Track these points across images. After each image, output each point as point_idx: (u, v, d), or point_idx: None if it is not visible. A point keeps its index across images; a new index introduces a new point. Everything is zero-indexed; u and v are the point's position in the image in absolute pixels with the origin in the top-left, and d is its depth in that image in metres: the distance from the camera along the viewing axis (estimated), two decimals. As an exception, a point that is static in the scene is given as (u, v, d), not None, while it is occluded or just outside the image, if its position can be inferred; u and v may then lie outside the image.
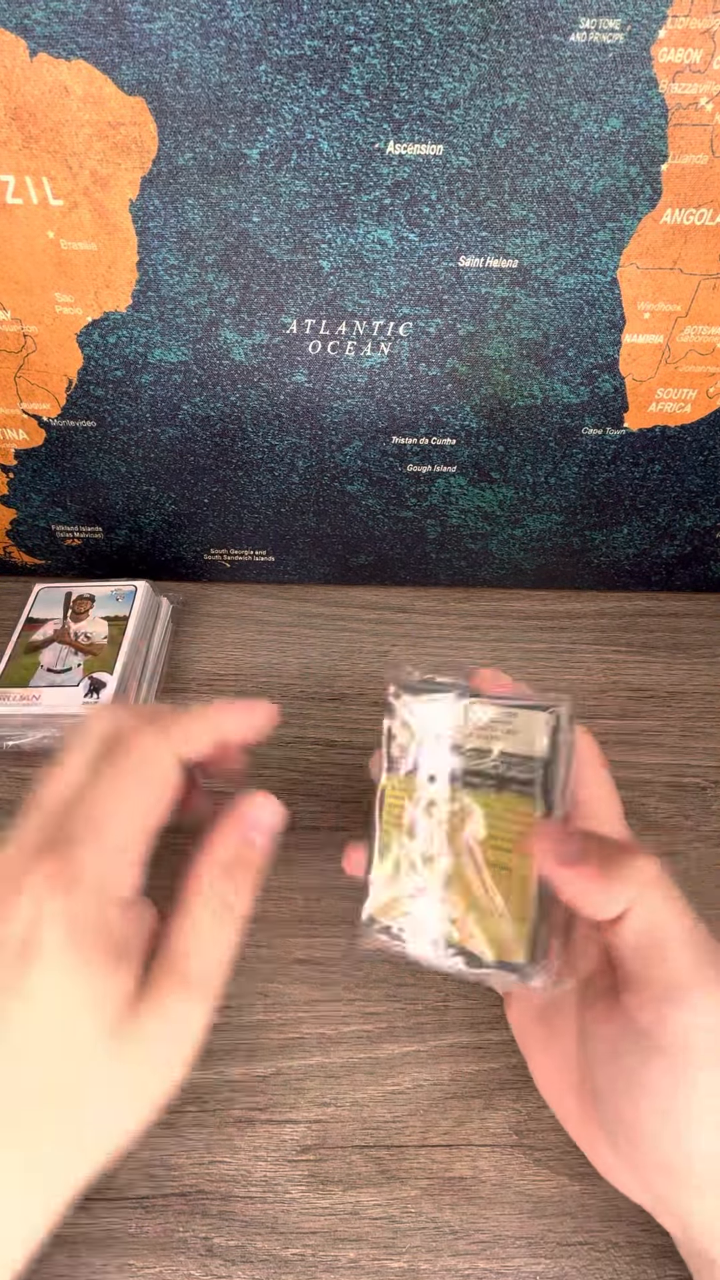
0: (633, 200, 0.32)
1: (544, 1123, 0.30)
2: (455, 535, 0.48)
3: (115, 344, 0.38)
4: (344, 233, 0.33)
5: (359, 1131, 0.30)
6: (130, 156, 0.31)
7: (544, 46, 0.28)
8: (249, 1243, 0.28)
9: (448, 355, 0.38)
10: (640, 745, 0.43)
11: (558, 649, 0.49)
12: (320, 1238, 0.28)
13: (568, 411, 0.40)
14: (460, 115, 0.30)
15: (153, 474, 0.45)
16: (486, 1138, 0.30)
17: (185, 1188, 0.29)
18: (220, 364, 0.39)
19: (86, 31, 0.28)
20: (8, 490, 0.46)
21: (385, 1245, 0.28)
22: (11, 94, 0.29)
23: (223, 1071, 0.31)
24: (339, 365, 0.38)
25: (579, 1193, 0.29)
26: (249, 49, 0.28)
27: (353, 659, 0.48)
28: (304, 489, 0.45)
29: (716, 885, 0.37)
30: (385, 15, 0.27)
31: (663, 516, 0.46)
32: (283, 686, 0.46)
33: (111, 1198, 0.28)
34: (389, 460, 0.43)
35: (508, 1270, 0.27)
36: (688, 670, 0.47)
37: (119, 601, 0.45)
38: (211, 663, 0.47)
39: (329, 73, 0.29)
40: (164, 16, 0.28)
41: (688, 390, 0.39)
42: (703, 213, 0.32)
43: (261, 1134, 0.30)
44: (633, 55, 0.28)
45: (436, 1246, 0.28)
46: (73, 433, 0.42)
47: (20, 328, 0.37)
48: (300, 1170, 0.29)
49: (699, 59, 0.28)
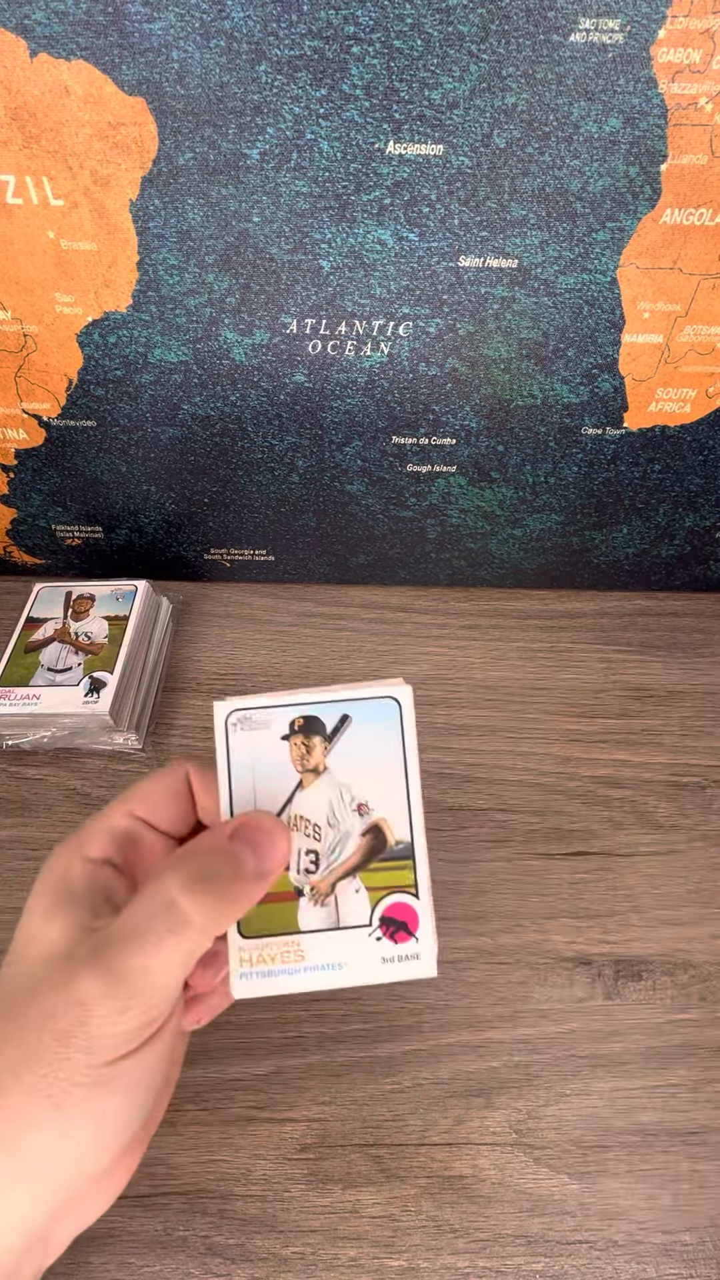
0: (632, 200, 0.32)
1: (544, 1121, 0.30)
2: (455, 535, 0.48)
3: (115, 344, 0.38)
4: (344, 233, 0.33)
5: (359, 1130, 0.30)
6: (130, 156, 0.31)
7: (544, 46, 0.28)
8: (249, 1241, 0.28)
9: (448, 355, 0.38)
10: (640, 744, 0.43)
11: (557, 648, 0.49)
12: (320, 1236, 0.28)
13: (568, 411, 0.40)
14: (460, 115, 0.30)
15: (153, 474, 0.45)
16: (486, 1136, 0.30)
17: (185, 1186, 0.29)
18: (220, 364, 0.39)
19: (87, 32, 0.28)
20: (8, 490, 0.46)
21: (385, 1244, 0.28)
22: (12, 94, 0.29)
23: (223, 1070, 0.31)
24: (339, 365, 0.38)
25: (578, 1191, 0.29)
26: (249, 49, 0.28)
27: (353, 659, 0.48)
28: (304, 489, 0.45)
29: (717, 885, 0.37)
30: (385, 15, 0.27)
31: (662, 516, 0.46)
32: (283, 686, 0.46)
33: (112, 1196, 0.28)
34: (389, 460, 0.43)
35: (507, 1269, 0.27)
36: (687, 669, 0.47)
37: (119, 601, 0.45)
38: (211, 662, 0.48)
39: (329, 73, 0.29)
40: (164, 17, 0.28)
41: (687, 390, 0.39)
42: (702, 213, 0.32)
43: (261, 1132, 0.30)
44: (632, 55, 0.28)
45: (436, 1245, 0.28)
46: (73, 432, 0.42)
47: (20, 327, 0.38)
48: (300, 1169, 0.29)
49: (698, 59, 0.28)
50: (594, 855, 0.38)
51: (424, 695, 0.46)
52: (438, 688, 0.46)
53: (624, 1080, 0.31)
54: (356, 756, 0.25)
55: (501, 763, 0.42)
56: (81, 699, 0.40)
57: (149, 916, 0.20)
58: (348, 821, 0.24)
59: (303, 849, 0.24)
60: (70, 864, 0.23)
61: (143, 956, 0.20)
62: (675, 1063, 0.32)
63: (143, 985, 0.20)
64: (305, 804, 0.24)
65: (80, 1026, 0.19)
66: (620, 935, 0.35)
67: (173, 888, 0.21)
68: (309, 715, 0.25)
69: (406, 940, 0.24)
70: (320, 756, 0.25)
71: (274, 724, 0.25)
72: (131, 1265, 0.27)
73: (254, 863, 0.22)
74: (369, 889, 0.24)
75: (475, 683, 0.46)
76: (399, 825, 0.24)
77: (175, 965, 0.20)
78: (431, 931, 0.24)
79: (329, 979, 0.23)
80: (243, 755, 0.25)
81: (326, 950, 0.23)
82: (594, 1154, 0.30)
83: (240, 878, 0.22)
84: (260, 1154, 0.29)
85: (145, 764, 0.42)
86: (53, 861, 0.24)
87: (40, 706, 0.40)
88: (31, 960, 0.21)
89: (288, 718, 0.25)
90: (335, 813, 0.25)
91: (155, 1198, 0.28)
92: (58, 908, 0.22)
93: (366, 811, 0.24)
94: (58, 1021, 0.19)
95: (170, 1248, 0.27)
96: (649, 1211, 0.28)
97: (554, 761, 0.42)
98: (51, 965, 0.21)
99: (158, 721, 0.44)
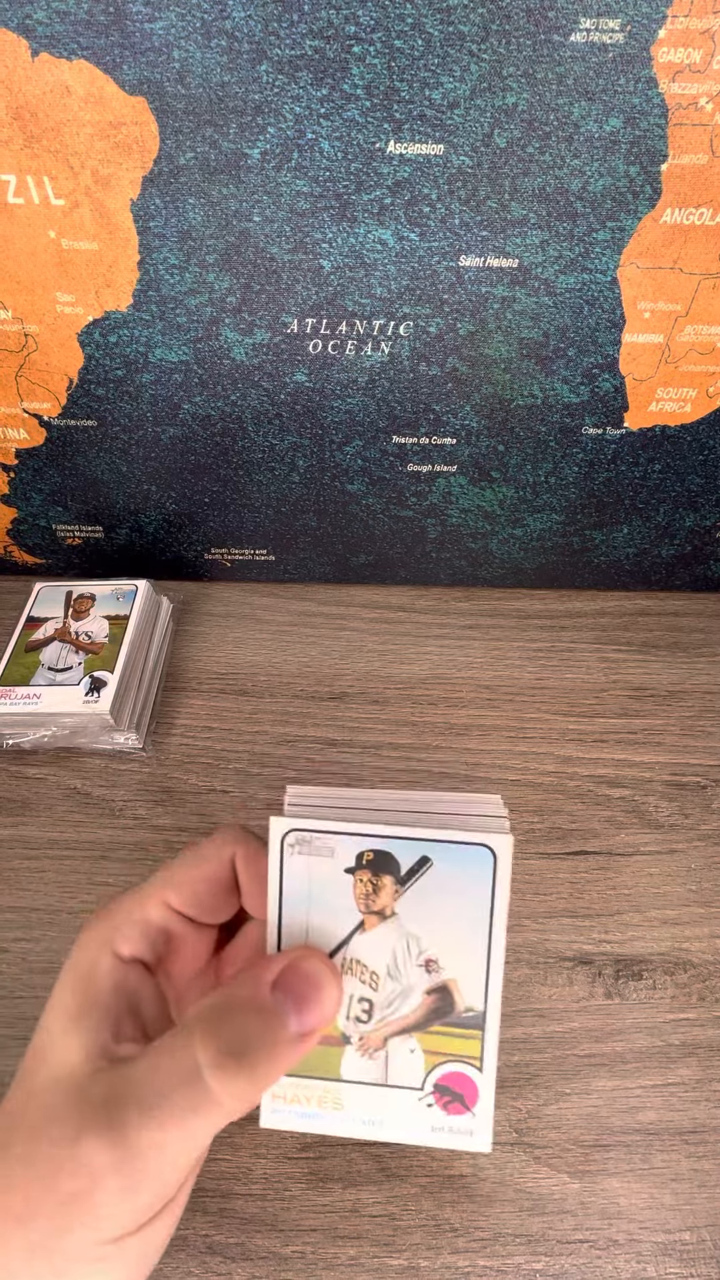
0: (632, 200, 0.32)
1: (544, 1120, 0.30)
2: (455, 534, 0.48)
3: (116, 343, 0.38)
4: (344, 232, 0.33)
5: (359, 1129, 0.30)
6: (131, 156, 0.31)
7: (544, 46, 0.28)
8: (249, 1240, 0.28)
9: (448, 355, 0.38)
10: (640, 744, 0.43)
11: (558, 648, 0.49)
12: (320, 1235, 0.28)
13: (568, 411, 0.40)
14: (460, 115, 0.30)
15: (153, 473, 0.45)
16: (486, 1135, 0.30)
17: (185, 1185, 0.29)
18: (221, 363, 0.39)
19: (88, 31, 0.28)
20: (9, 489, 0.46)
21: (385, 1243, 0.28)
22: (13, 94, 0.30)
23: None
24: (339, 365, 0.39)
25: (579, 1190, 0.29)
26: (250, 49, 0.28)
27: (353, 658, 0.48)
28: (304, 488, 0.45)
29: (717, 885, 0.37)
30: (386, 15, 0.27)
31: (663, 516, 0.46)
32: (283, 685, 0.46)
33: (112, 1195, 0.28)
34: (389, 459, 0.43)
35: (507, 1268, 0.27)
36: (687, 669, 0.47)
37: (120, 600, 0.45)
38: (212, 661, 0.48)
39: (330, 73, 0.29)
40: (165, 16, 0.28)
41: (688, 389, 0.39)
42: (702, 212, 0.32)
43: (261, 1131, 0.30)
44: (633, 55, 0.28)
45: (436, 1244, 0.28)
46: (73, 432, 0.42)
47: (21, 327, 0.38)
48: (300, 1168, 0.29)
49: (699, 59, 0.28)
50: (594, 855, 0.38)
51: (424, 695, 0.46)
52: (438, 687, 0.46)
53: (624, 1079, 0.31)
54: (432, 905, 0.21)
55: (501, 762, 0.42)
56: (82, 698, 0.40)
57: (170, 1085, 0.18)
58: (412, 976, 0.22)
59: (356, 995, 0.22)
60: (98, 960, 0.21)
61: (160, 1132, 0.18)
62: (675, 1062, 0.32)
63: (156, 1164, 0.18)
64: (364, 948, 0.22)
65: (86, 1197, 0.17)
66: (620, 935, 0.35)
67: (200, 1055, 0.18)
68: (381, 851, 0.22)
69: (461, 1114, 0.22)
70: (389, 899, 0.22)
71: (339, 852, 0.22)
72: (132, 1264, 0.27)
73: (296, 1022, 0.20)
74: (426, 1052, 0.22)
75: (475, 682, 0.46)
76: (471, 991, 0.22)
77: (194, 1143, 0.18)
78: (490, 1107, 0.22)
79: (368, 1131, 0.22)
80: (298, 884, 0.22)
81: (369, 1105, 0.22)
82: (594, 1153, 0.30)
83: (278, 1045, 0.19)
84: (260, 1153, 0.29)
85: (145, 763, 0.42)
86: (81, 949, 0.22)
87: (41, 706, 0.40)
88: (46, 1075, 0.20)
89: (357, 849, 0.22)
90: (398, 964, 0.22)
91: (155, 1196, 0.28)
92: (81, 1016, 0.20)
93: (435, 969, 0.22)
94: (63, 1182, 0.18)
95: (170, 1247, 0.27)
96: (649, 1210, 0.28)
97: (554, 761, 0.42)
98: (63, 1095, 0.19)
99: (158, 721, 0.44)
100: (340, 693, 0.46)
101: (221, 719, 0.44)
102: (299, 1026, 0.20)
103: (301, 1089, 0.22)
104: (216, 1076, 0.18)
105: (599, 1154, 0.30)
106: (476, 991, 0.22)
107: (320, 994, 0.20)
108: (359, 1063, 0.22)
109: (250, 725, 0.44)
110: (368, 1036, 0.22)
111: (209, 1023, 0.19)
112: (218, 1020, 0.19)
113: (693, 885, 0.37)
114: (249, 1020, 0.19)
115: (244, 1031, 0.19)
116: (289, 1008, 0.20)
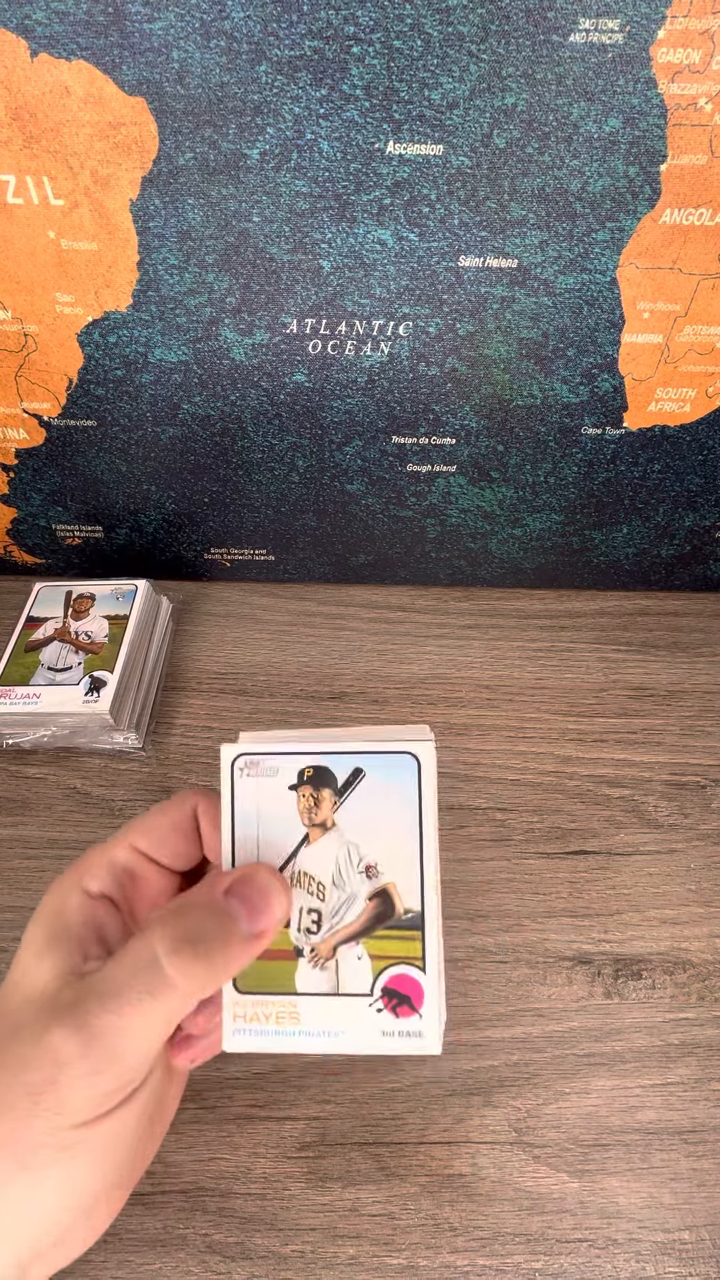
0: (632, 200, 0.32)
1: (543, 1120, 0.30)
2: (455, 535, 0.48)
3: (116, 343, 0.38)
4: (344, 232, 0.33)
5: (358, 1128, 0.30)
6: (131, 156, 0.31)
7: (544, 47, 0.28)
8: (248, 1239, 0.28)
9: (447, 355, 0.38)
10: (640, 744, 0.43)
11: (557, 648, 0.49)
12: (320, 1234, 0.28)
13: (567, 411, 0.40)
14: (460, 115, 0.30)
15: (153, 473, 0.45)
16: (485, 1135, 0.30)
17: (185, 1184, 0.29)
18: (220, 363, 0.39)
19: (87, 32, 0.28)
20: (8, 489, 0.46)
21: (384, 1242, 0.28)
22: (12, 94, 0.30)
23: (222, 1068, 0.31)
24: (339, 365, 0.39)
25: (578, 1190, 0.29)
26: (249, 49, 0.28)
27: (352, 658, 0.48)
28: (304, 488, 0.45)
29: (717, 884, 0.37)
30: (385, 15, 0.27)
31: (662, 516, 0.46)
32: (282, 685, 0.46)
33: (112, 1194, 0.28)
34: (389, 460, 0.43)
35: (507, 1267, 0.27)
36: (687, 669, 0.47)
37: (119, 600, 0.45)
38: (211, 661, 0.48)
39: (329, 73, 0.29)
40: (164, 17, 0.28)
41: (687, 390, 0.39)
42: (702, 213, 0.32)
43: (261, 1131, 0.30)
44: (632, 55, 0.28)
45: (435, 1243, 0.28)
46: (73, 432, 0.42)
47: (21, 327, 0.38)
48: (300, 1167, 0.29)
49: (698, 59, 0.28)
50: (594, 855, 0.38)
51: (424, 695, 0.46)
52: (437, 687, 0.46)
53: (623, 1079, 0.31)
54: (368, 814, 0.23)
55: (501, 762, 0.42)
56: (81, 698, 0.40)
57: (130, 974, 0.19)
58: (354, 883, 0.23)
59: (305, 907, 0.23)
60: (68, 897, 0.23)
61: (119, 1017, 0.19)
62: (674, 1061, 0.32)
63: (118, 1048, 0.19)
64: (311, 860, 0.23)
65: (51, 1084, 0.18)
66: (620, 934, 0.36)
67: (157, 946, 0.20)
68: (319, 766, 0.23)
69: (409, 1016, 0.22)
70: (329, 811, 0.23)
71: (283, 771, 0.23)
72: (131, 1264, 0.27)
73: (248, 924, 0.21)
74: (372, 956, 0.23)
75: (475, 682, 0.46)
76: (409, 893, 0.23)
77: (153, 1028, 0.19)
78: (438, 1008, 0.22)
79: (325, 1045, 0.22)
80: (248, 803, 0.23)
81: (324, 1016, 0.23)
82: (593, 1152, 0.30)
83: (231, 940, 0.21)
84: (260, 1152, 0.29)
85: (145, 763, 0.42)
86: (52, 892, 0.23)
87: (40, 705, 0.40)
88: (19, 998, 0.21)
89: (297, 766, 0.23)
90: (342, 872, 0.23)
91: (155, 1196, 0.28)
92: (51, 945, 0.21)
93: (375, 874, 0.23)
94: (30, 1074, 0.19)
95: (170, 1246, 0.27)
96: (648, 1210, 0.28)
97: (554, 761, 0.42)
98: (34, 1009, 0.20)
99: (158, 721, 0.44)
100: (340, 693, 0.46)
101: (221, 719, 0.44)
102: (250, 926, 0.21)
103: (260, 1006, 0.23)
104: (173, 962, 0.19)
105: (598, 1153, 0.30)
106: (413, 893, 0.23)
107: (269, 899, 0.22)
108: (312, 974, 0.23)
109: (250, 725, 0.44)
110: (318, 947, 0.23)
111: (168, 915, 0.21)
112: (176, 915, 0.21)
113: (692, 885, 0.37)
114: (204, 916, 0.21)
115: (200, 924, 0.20)
116: (241, 912, 0.21)
